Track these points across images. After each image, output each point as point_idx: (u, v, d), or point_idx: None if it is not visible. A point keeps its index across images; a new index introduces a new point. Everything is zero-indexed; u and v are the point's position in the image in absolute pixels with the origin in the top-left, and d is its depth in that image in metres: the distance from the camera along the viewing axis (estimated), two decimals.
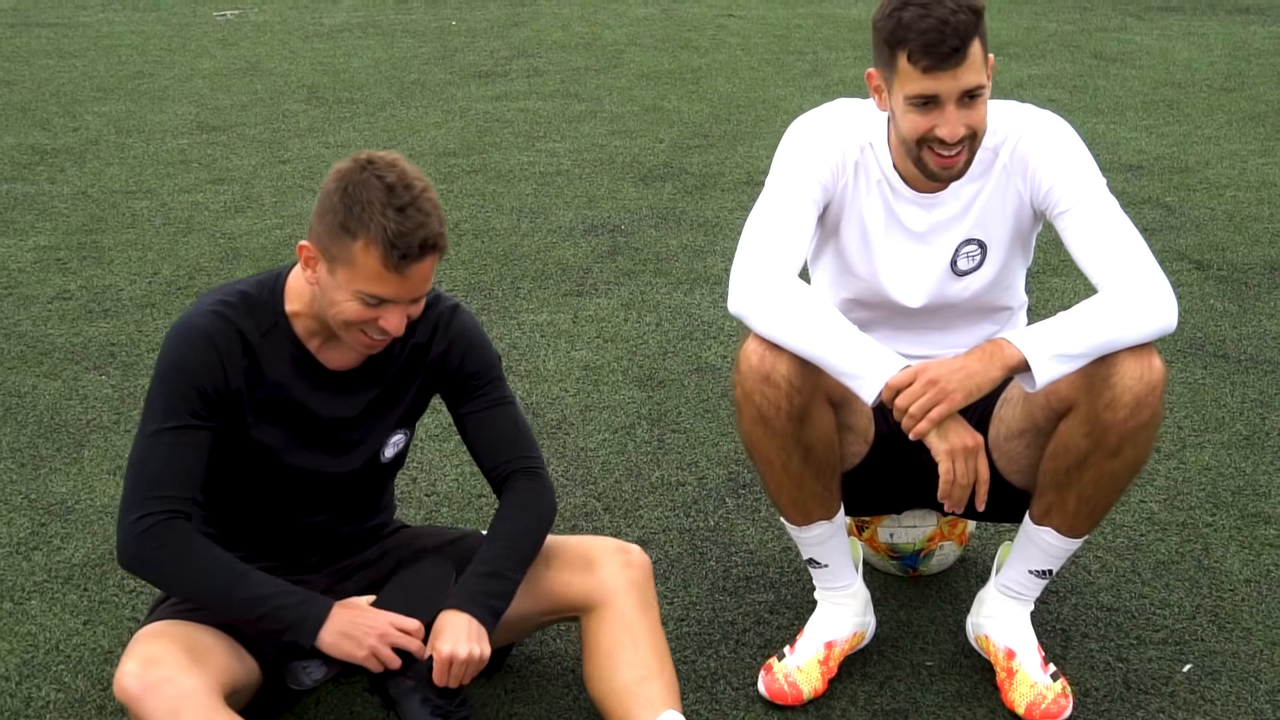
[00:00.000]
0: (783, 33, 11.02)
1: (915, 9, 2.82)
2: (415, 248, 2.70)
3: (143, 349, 4.97)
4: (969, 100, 2.88)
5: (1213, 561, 3.69)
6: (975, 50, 2.84)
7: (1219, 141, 7.77)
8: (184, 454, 2.82)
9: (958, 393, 2.83)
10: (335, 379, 2.96)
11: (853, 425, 3.14)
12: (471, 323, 3.08)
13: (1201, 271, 5.74)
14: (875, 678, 3.26)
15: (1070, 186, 3.00)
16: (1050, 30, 11.05)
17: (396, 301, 2.77)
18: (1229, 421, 4.45)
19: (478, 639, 2.84)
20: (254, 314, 2.89)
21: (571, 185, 6.97)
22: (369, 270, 2.71)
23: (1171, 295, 2.95)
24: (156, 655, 2.72)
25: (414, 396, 3.07)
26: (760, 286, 2.95)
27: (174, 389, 2.82)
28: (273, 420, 2.91)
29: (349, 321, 2.79)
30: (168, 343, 2.87)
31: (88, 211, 6.53)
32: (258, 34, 10.97)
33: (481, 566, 2.95)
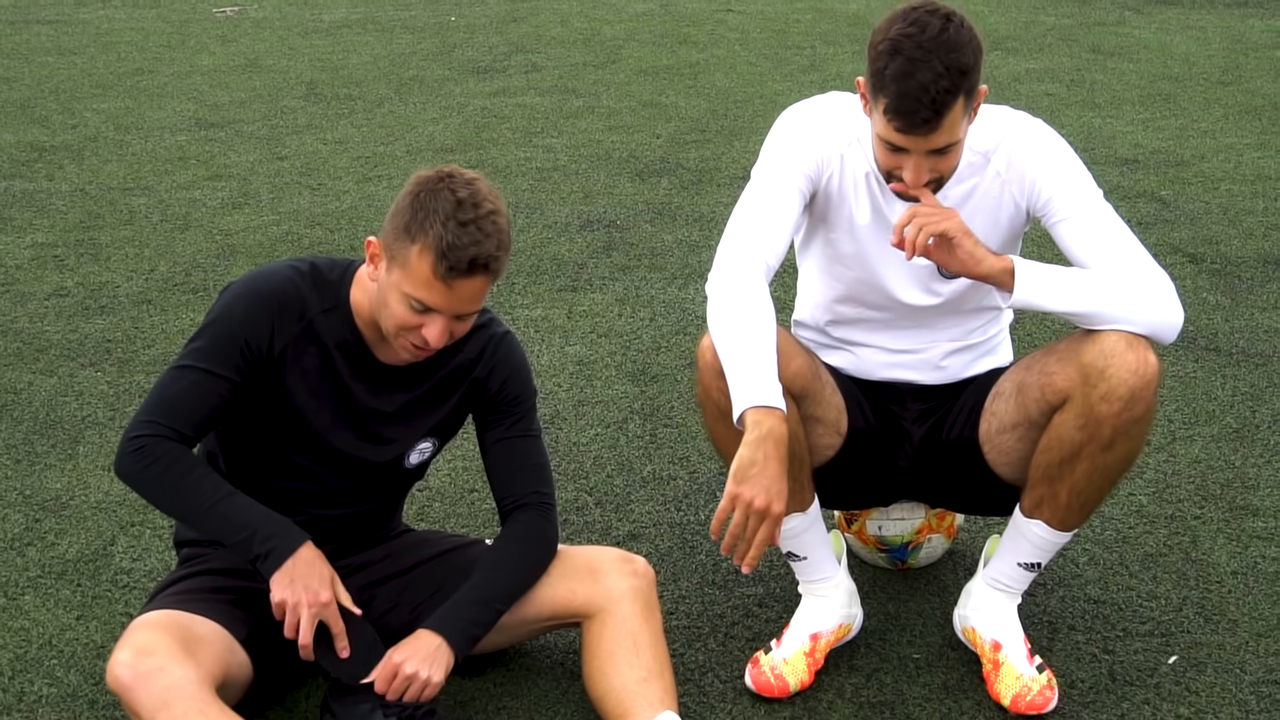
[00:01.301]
0: (781, 28, 11.02)
1: (902, 62, 2.79)
2: (465, 262, 2.76)
3: (139, 345, 4.99)
4: (938, 154, 2.90)
5: (1200, 554, 3.71)
6: (952, 115, 2.82)
7: (1215, 135, 7.77)
8: (202, 395, 2.91)
9: (961, 232, 2.92)
10: (381, 372, 3.03)
11: (821, 417, 3.15)
12: (519, 351, 3.15)
13: (1195, 265, 5.75)
14: (862, 670, 3.28)
15: (1070, 195, 3.03)
16: (1049, 24, 11.05)
17: (440, 313, 2.83)
18: (1219, 414, 4.47)
19: (433, 663, 2.90)
20: (320, 289, 2.98)
21: (568, 181, 6.98)
22: (419, 276, 2.78)
23: (1175, 297, 2.97)
24: (149, 645, 2.74)
25: (451, 410, 3.12)
26: (721, 280, 2.99)
27: (217, 336, 2.92)
28: (314, 394, 2.98)
29: (395, 324, 2.86)
30: (231, 292, 2.96)
31: (85, 208, 6.55)
32: (257, 30, 10.98)
33: (469, 593, 3.01)
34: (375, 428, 3.05)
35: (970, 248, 2.92)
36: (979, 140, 3.05)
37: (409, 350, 2.90)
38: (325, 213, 6.48)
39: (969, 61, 2.81)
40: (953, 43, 2.79)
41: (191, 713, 2.67)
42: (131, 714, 2.73)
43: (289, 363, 2.95)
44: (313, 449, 3.03)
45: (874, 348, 3.27)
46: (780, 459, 2.78)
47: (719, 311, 2.95)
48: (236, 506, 2.90)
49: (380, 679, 2.88)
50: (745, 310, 2.92)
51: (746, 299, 2.94)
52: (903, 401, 3.28)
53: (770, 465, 2.77)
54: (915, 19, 2.82)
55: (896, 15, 2.85)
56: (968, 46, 2.82)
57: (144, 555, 3.70)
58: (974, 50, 2.84)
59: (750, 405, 2.81)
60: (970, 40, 2.83)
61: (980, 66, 2.85)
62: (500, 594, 3.02)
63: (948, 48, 2.78)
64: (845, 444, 3.21)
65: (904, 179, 2.93)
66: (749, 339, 2.88)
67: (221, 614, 2.92)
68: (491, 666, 3.24)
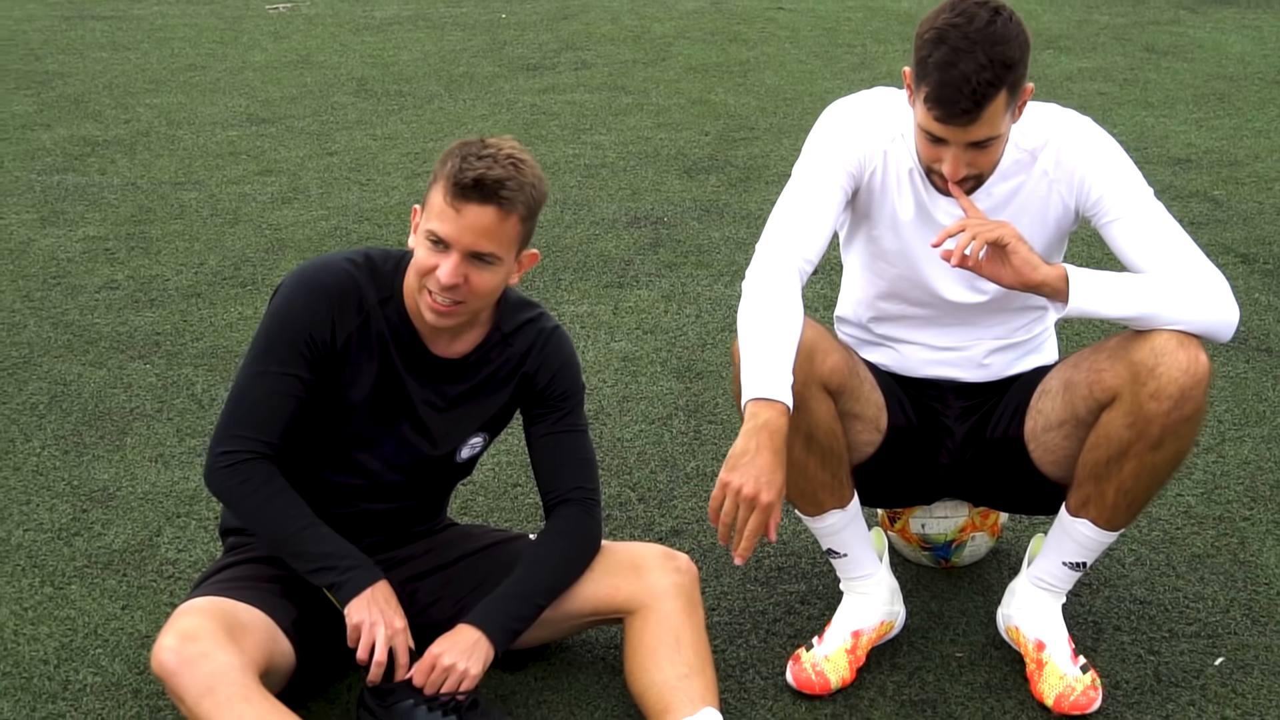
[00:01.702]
0: (832, 25, 10.98)
1: (946, 51, 2.79)
2: (470, 180, 2.80)
3: (187, 339, 5.02)
4: (977, 147, 2.88)
5: (1249, 555, 3.67)
6: (993, 108, 2.81)
7: (1269, 135, 7.69)
8: (280, 399, 2.94)
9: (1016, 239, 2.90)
10: (434, 365, 3.04)
11: (859, 414, 3.14)
12: (568, 346, 3.16)
13: (1247, 265, 5.69)
14: (904, 668, 3.26)
15: (1121, 195, 3.01)
16: (1102, 23, 10.96)
17: (453, 246, 2.84)
18: (1270, 415, 4.42)
19: (472, 656, 2.92)
20: (375, 279, 3.00)
21: (616, 178, 6.98)
22: (435, 206, 2.85)
23: (1230, 296, 2.95)
24: (195, 630, 2.76)
25: (503, 404, 3.14)
26: (754, 277, 2.99)
27: (281, 333, 2.94)
28: (370, 387, 3.00)
29: (418, 270, 2.89)
30: (287, 287, 2.98)
31: (136, 202, 6.60)
32: (309, 27, 11.03)
33: (511, 587, 3.03)
34: (428, 421, 3.06)
35: (1025, 255, 2.90)
36: (1026, 138, 3.03)
37: (430, 306, 2.90)
38: (374, 208, 6.51)
39: (1014, 55, 2.79)
40: (999, 35, 2.78)
41: (235, 699, 2.69)
42: (175, 699, 2.74)
43: (351, 355, 2.97)
44: (366, 442, 3.04)
45: (917, 345, 3.25)
46: (774, 450, 2.77)
47: (746, 307, 2.96)
48: (320, 536, 2.95)
49: (419, 671, 2.89)
50: (770, 307, 2.92)
51: (774, 297, 2.93)
52: (945, 399, 3.26)
53: (762, 455, 2.77)
54: (963, 10, 2.81)
55: (945, 5, 2.85)
56: (1014, 41, 2.80)
57: (189, 546, 3.72)
58: (1021, 45, 2.82)
59: (752, 397, 2.81)
60: (1018, 35, 2.82)
61: (1026, 62, 2.83)
62: (542, 589, 3.03)
63: (993, 40, 2.77)
64: (885, 441, 3.19)
65: (943, 171, 2.91)
66: (767, 335, 2.88)
67: (266, 602, 2.94)
68: (533, 661, 3.25)
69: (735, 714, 3.09)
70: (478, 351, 3.06)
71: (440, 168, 2.87)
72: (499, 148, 2.85)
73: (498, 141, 2.88)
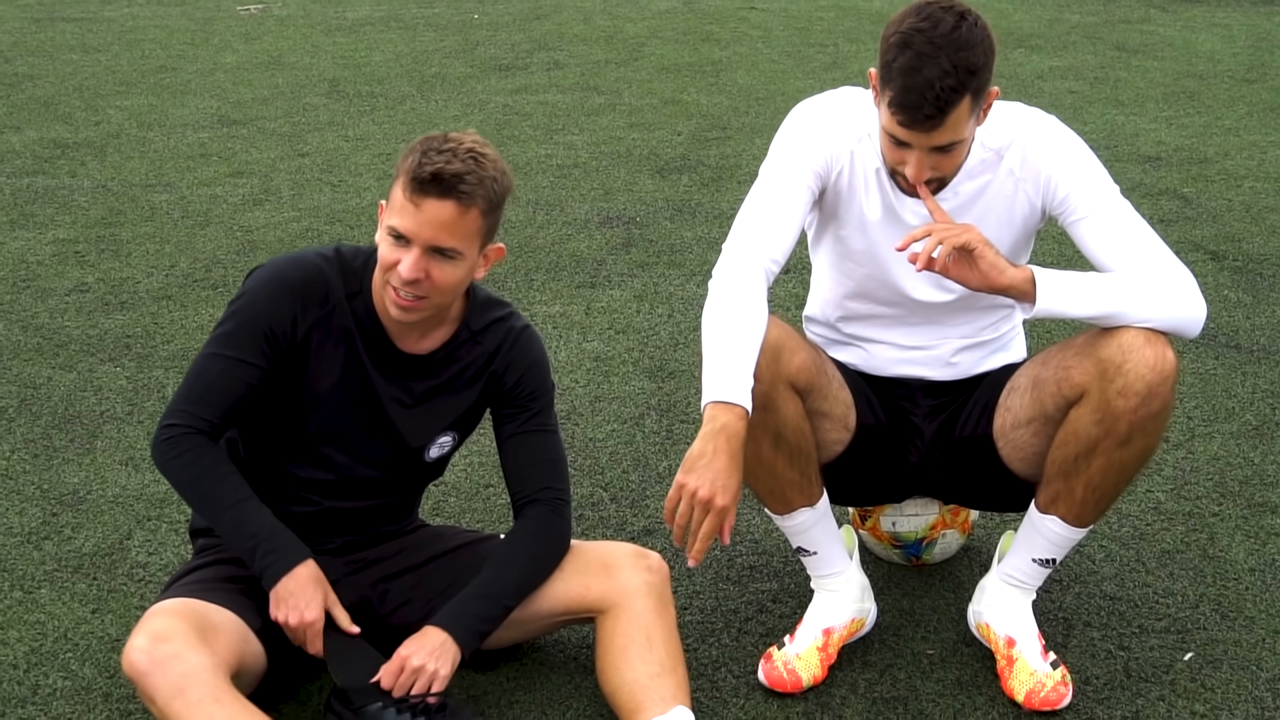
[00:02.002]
0: (804, 25, 11.00)
1: (910, 56, 2.78)
2: (427, 177, 2.80)
3: (158, 341, 5.01)
4: (941, 151, 2.89)
5: (1218, 551, 3.69)
6: (957, 113, 2.82)
7: (1239, 133, 7.74)
8: (230, 383, 2.95)
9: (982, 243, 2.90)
10: (401, 361, 3.04)
11: (827, 412, 3.15)
12: (538, 345, 3.16)
13: (1217, 262, 5.72)
14: (876, 665, 3.27)
15: (1087, 193, 3.01)
16: (1073, 22, 11.01)
17: (413, 240, 2.85)
18: (1239, 412, 4.45)
19: (439, 657, 2.92)
20: (344, 274, 3.01)
21: (588, 178, 6.98)
22: (396, 202, 2.86)
23: (1197, 292, 2.96)
24: (166, 631, 2.76)
25: (471, 403, 3.13)
26: (719, 278, 3.00)
27: (243, 322, 2.95)
28: (335, 380, 3.00)
29: (382, 266, 2.90)
30: (255, 277, 3.01)
31: (107, 205, 6.58)
32: (280, 28, 11.01)
33: (478, 588, 3.03)
34: (395, 417, 3.06)
35: (992, 259, 2.91)
36: (992, 137, 3.04)
37: (394, 301, 2.90)
38: (346, 209, 6.49)
39: (979, 61, 2.80)
40: (963, 41, 2.78)
41: (207, 700, 2.68)
42: (146, 700, 2.73)
43: (313, 348, 2.97)
44: (332, 436, 3.04)
45: (885, 344, 3.26)
46: (730, 453, 2.78)
47: (710, 308, 2.96)
48: (248, 514, 2.94)
49: (387, 674, 2.89)
50: (733, 308, 2.93)
51: (738, 298, 2.94)
52: (913, 398, 3.27)
53: (719, 458, 2.78)
54: (929, 14, 2.81)
55: (911, 9, 2.85)
56: (979, 46, 2.80)
57: (160, 549, 3.71)
58: (985, 50, 2.82)
59: (711, 399, 2.82)
60: (983, 40, 2.82)
61: (991, 67, 2.84)
62: (509, 590, 3.03)
63: (958, 45, 2.77)
64: (854, 440, 3.20)
65: (906, 174, 2.92)
66: (728, 336, 2.89)
67: (237, 603, 2.93)
68: (504, 661, 3.24)
69: (707, 712, 3.10)
70: (445, 349, 3.05)
71: (402, 163, 2.87)
72: (459, 142, 2.85)
73: (459, 136, 2.88)
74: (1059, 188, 3.03)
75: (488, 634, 3.01)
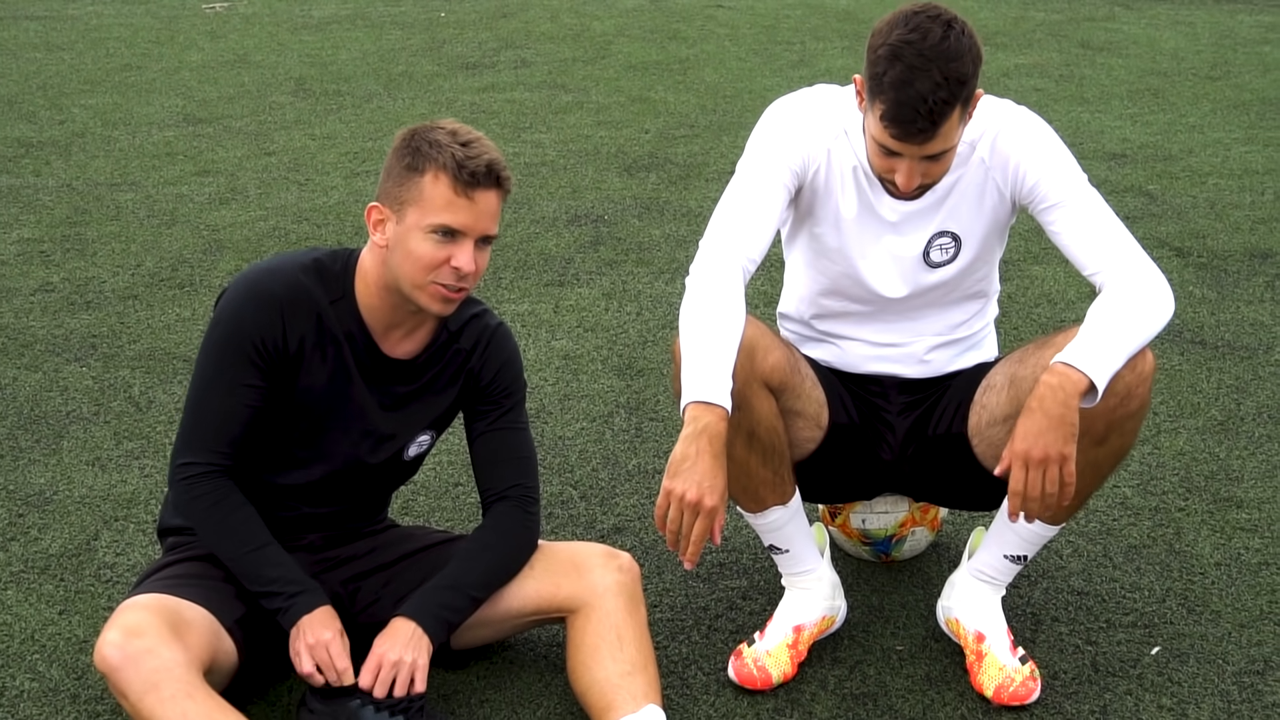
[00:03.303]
0: (771, 23, 11.03)
1: (901, 70, 2.77)
2: (483, 169, 2.82)
3: (124, 341, 4.98)
4: (931, 159, 2.90)
5: (1184, 546, 3.71)
6: (948, 124, 2.82)
7: (1203, 130, 7.79)
8: (234, 410, 2.93)
9: (1068, 444, 2.78)
10: (385, 365, 3.03)
11: (801, 411, 3.15)
12: (512, 343, 3.16)
13: (1182, 259, 5.76)
14: (845, 662, 3.28)
15: (1056, 181, 3.01)
16: (1038, 20, 11.06)
17: (466, 234, 2.85)
18: (1204, 407, 4.47)
19: (413, 647, 2.91)
20: (325, 281, 2.98)
21: (556, 176, 6.98)
22: (439, 199, 2.83)
23: (1167, 284, 2.97)
24: (139, 626, 2.74)
25: (450, 402, 3.13)
26: (697, 276, 2.98)
27: (231, 343, 2.92)
28: (324, 388, 2.98)
29: (423, 267, 2.86)
30: (235, 293, 2.95)
31: (72, 204, 6.54)
32: (246, 26, 10.97)
33: (442, 580, 3.03)
34: (377, 421, 3.05)
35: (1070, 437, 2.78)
36: (966, 130, 3.05)
37: (439, 297, 2.89)
38: (313, 208, 6.48)
39: (968, 71, 2.79)
40: (953, 51, 2.77)
41: (180, 695, 2.67)
42: (118, 695, 2.71)
43: (305, 357, 2.95)
44: (314, 442, 3.03)
45: (858, 341, 3.26)
46: (714, 454, 2.77)
47: (688, 306, 2.95)
48: (270, 560, 2.94)
49: (366, 673, 2.88)
50: (711, 308, 2.92)
51: (716, 297, 2.93)
52: (886, 395, 3.28)
53: (703, 460, 2.76)
54: (917, 25, 2.79)
55: (898, 19, 2.82)
56: (967, 55, 2.80)
57: (127, 550, 3.69)
58: (974, 59, 2.81)
59: (692, 400, 2.81)
60: (970, 49, 2.81)
61: (978, 74, 2.83)
62: (474, 581, 3.03)
63: (948, 57, 2.77)
64: (827, 438, 3.21)
65: (896, 181, 2.93)
66: (707, 336, 2.88)
67: (209, 600, 2.92)
68: (475, 660, 3.24)
69: (678, 710, 3.10)
70: (427, 351, 3.05)
71: (419, 160, 2.84)
72: (468, 132, 2.88)
73: (454, 125, 2.89)
74: (1027, 176, 3.03)
75: (455, 624, 3.00)
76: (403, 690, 2.88)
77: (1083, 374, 2.78)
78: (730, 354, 2.87)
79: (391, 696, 2.88)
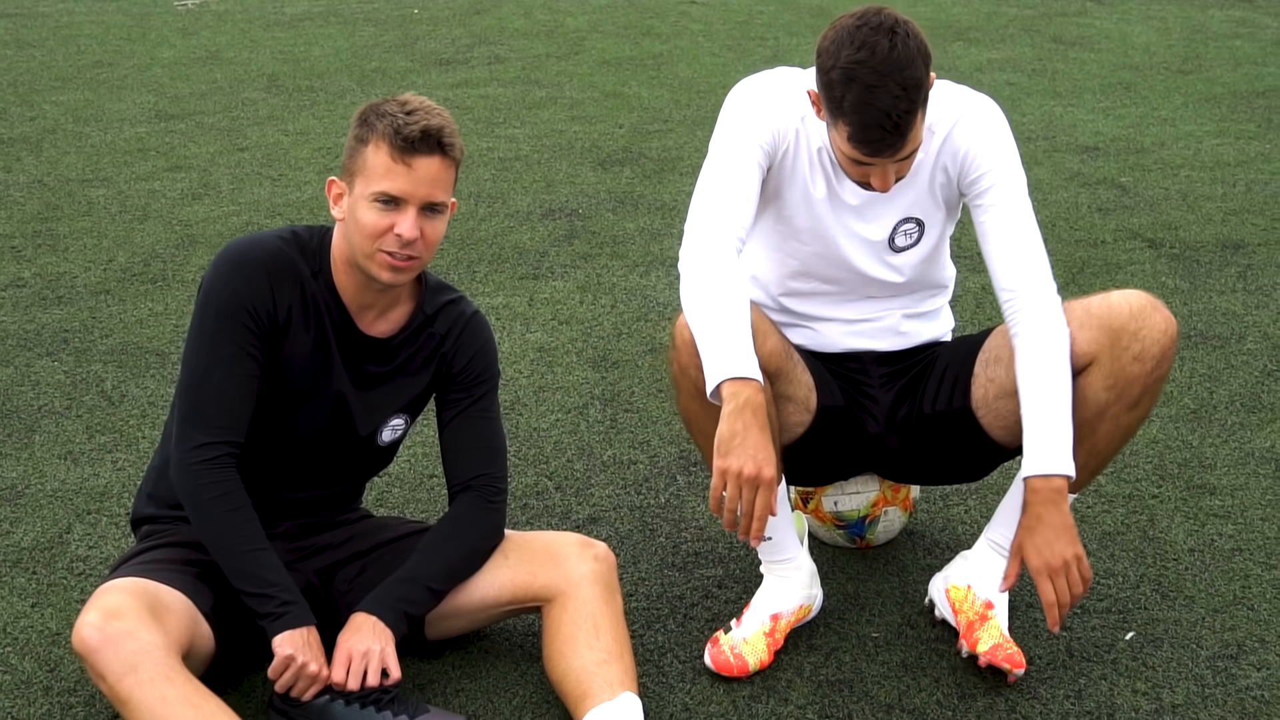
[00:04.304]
0: (744, 19, 11.03)
1: (859, 91, 2.78)
2: (418, 132, 2.82)
3: (96, 335, 4.96)
4: (902, 160, 2.91)
5: (1158, 532, 3.72)
6: (914, 129, 2.84)
7: (1175, 123, 7.81)
8: (238, 387, 2.91)
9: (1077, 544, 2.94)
10: (361, 342, 3.03)
11: (791, 395, 3.16)
12: (487, 331, 3.16)
13: (1154, 250, 5.78)
14: (821, 649, 3.28)
15: (998, 184, 3.05)
16: (1011, 15, 11.08)
17: (407, 200, 2.85)
18: (1177, 396, 4.49)
19: (379, 636, 2.91)
20: (304, 253, 2.98)
21: (530, 170, 6.97)
22: (379, 167, 2.83)
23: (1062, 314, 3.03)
24: (119, 608, 2.73)
25: (424, 386, 3.13)
26: (692, 256, 2.98)
27: (224, 311, 2.89)
28: (303, 363, 2.97)
29: (368, 234, 2.86)
30: (220, 265, 2.93)
31: (43, 200, 6.51)
32: (218, 23, 10.93)
33: (402, 573, 3.03)
34: (351, 400, 3.04)
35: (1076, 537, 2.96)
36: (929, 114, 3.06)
37: (387, 265, 2.89)
38: (286, 203, 6.45)
39: (920, 73, 2.81)
40: (903, 59, 2.78)
41: (159, 678, 2.66)
42: (96, 678, 2.70)
43: (292, 328, 2.94)
44: (292, 415, 3.01)
45: (832, 321, 3.27)
46: (761, 426, 2.77)
47: (692, 287, 2.94)
48: (267, 564, 2.91)
49: (338, 666, 2.87)
50: (718, 284, 2.91)
51: (719, 273, 2.93)
52: (866, 370, 3.29)
53: (752, 433, 2.76)
54: (864, 41, 2.79)
55: (843, 37, 2.82)
56: (918, 57, 2.80)
57: (100, 543, 3.67)
58: (924, 58, 2.82)
59: (726, 377, 2.80)
60: (919, 49, 2.81)
61: (930, 67, 2.85)
62: (433, 574, 3.02)
63: (900, 66, 2.77)
64: (814, 421, 3.21)
65: (873, 186, 2.95)
66: (722, 312, 2.87)
67: (187, 585, 2.91)
68: (450, 650, 3.23)
69: (654, 698, 3.10)
70: (402, 333, 3.05)
71: (366, 130, 2.86)
72: (419, 101, 2.89)
73: (408, 96, 2.90)
74: (973, 168, 3.06)
75: (416, 616, 3.00)
76: (375, 678, 2.87)
77: (1061, 476, 2.92)
78: (747, 326, 2.87)
79: (364, 689, 2.87)
